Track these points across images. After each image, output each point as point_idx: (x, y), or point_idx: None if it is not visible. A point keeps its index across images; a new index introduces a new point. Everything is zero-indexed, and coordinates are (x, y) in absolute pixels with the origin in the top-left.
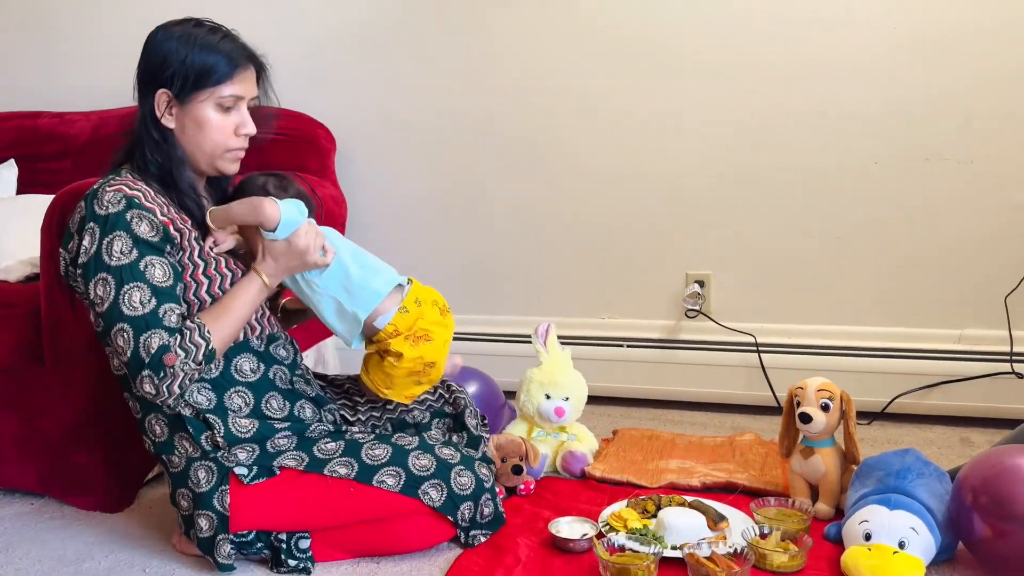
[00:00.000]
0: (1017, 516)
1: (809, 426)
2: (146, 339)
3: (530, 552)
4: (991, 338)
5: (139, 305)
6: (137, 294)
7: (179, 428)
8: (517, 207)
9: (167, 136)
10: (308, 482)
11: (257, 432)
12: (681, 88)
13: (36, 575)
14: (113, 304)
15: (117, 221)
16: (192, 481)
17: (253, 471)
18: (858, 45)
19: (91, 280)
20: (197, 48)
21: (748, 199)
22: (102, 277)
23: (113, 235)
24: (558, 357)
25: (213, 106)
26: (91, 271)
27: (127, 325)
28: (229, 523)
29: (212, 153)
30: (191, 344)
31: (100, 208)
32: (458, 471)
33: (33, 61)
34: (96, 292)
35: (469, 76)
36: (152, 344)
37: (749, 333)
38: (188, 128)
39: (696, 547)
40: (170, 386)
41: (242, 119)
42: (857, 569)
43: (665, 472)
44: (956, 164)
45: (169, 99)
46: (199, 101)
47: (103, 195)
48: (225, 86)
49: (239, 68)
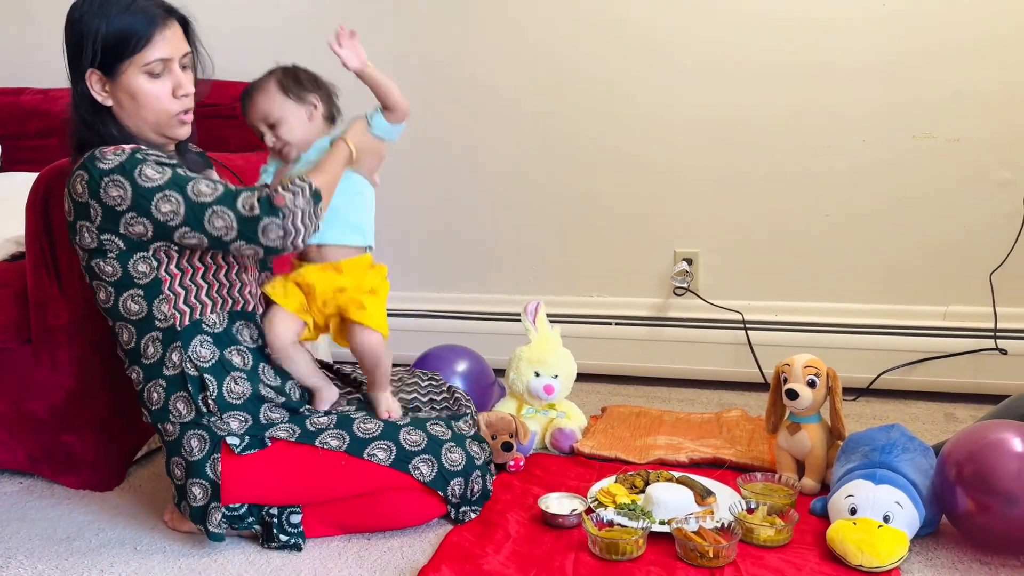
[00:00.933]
0: (1000, 490)
1: (795, 402)
2: (241, 201)
3: (520, 528)
4: (976, 315)
5: (210, 191)
6: (202, 185)
7: (178, 388)
8: (506, 186)
9: (106, 117)
10: (300, 454)
11: (248, 400)
12: (671, 68)
13: (27, 554)
14: (188, 204)
15: (133, 161)
16: (185, 449)
17: (245, 440)
18: (846, 24)
19: (150, 208)
20: (110, 17)
21: (736, 178)
22: (161, 196)
23: (139, 168)
24: (547, 335)
25: (142, 74)
26: (144, 202)
27: (217, 206)
28: (220, 491)
29: (156, 122)
30: (294, 187)
31: (106, 163)
32: (448, 447)
33: (13, 37)
34: (162, 211)
35: (458, 53)
36: (251, 202)
37: (736, 310)
38: (124, 102)
39: (684, 522)
40: (294, 222)
41: (176, 80)
42: (843, 543)
43: (653, 448)
44: (944, 142)
45: (100, 77)
46: (125, 72)
47: (103, 156)
48: (147, 50)
49: (157, 28)
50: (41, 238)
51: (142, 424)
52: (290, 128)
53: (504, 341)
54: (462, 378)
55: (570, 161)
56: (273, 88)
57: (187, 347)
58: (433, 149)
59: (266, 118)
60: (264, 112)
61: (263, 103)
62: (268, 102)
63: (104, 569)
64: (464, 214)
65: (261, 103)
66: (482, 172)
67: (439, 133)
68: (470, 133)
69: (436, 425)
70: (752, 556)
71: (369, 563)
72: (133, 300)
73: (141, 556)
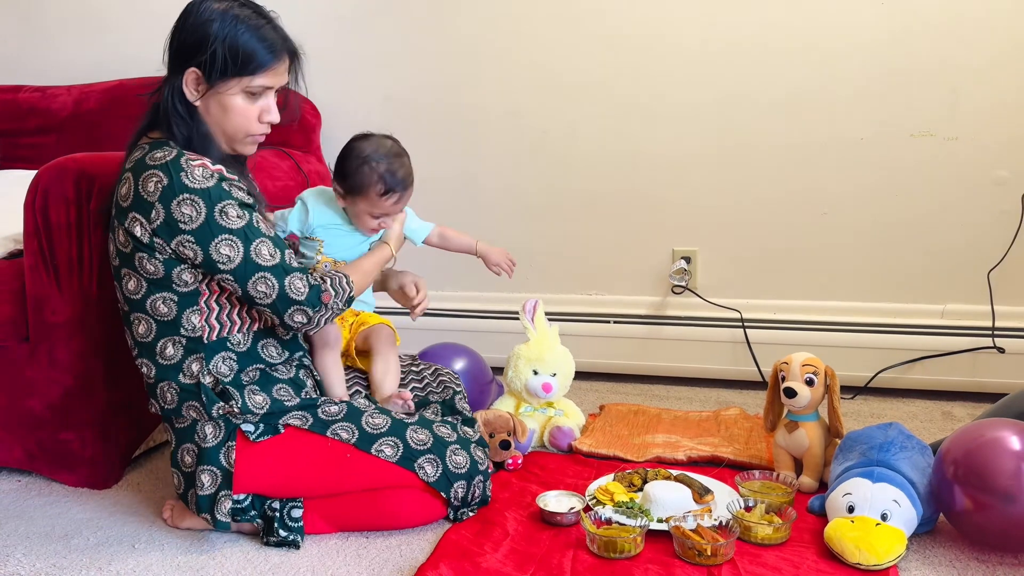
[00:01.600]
0: (997, 488)
1: (793, 400)
2: (291, 282)
3: (518, 526)
4: (973, 313)
5: (270, 256)
6: (264, 248)
7: (192, 397)
8: (505, 184)
9: (192, 112)
10: (310, 442)
11: (271, 408)
12: (668, 66)
13: (25, 551)
14: (245, 259)
15: (220, 192)
16: (199, 436)
17: (260, 428)
18: (846, 22)
19: (210, 244)
20: (240, 34)
21: (735, 176)
22: (225, 239)
23: (223, 203)
24: (545, 333)
25: (241, 93)
26: (209, 235)
27: (268, 274)
28: (233, 480)
29: (233, 136)
30: (340, 288)
31: (193, 181)
32: (454, 449)
33: (12, 35)
34: (221, 252)
35: (456, 52)
36: (299, 286)
37: (735, 309)
38: (212, 109)
39: (682, 520)
40: (321, 319)
41: (267, 105)
42: (840, 541)
43: (651, 446)
44: (942, 141)
45: (198, 78)
46: (229, 86)
47: (191, 169)
48: (259, 77)
49: (277, 61)
50: (39, 236)
51: (140, 422)
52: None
53: (502, 339)
54: (460, 376)
55: (569, 159)
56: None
57: (209, 361)
58: (432, 148)
59: (398, 207)
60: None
61: (407, 196)
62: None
63: (102, 567)
64: (462, 213)
65: (408, 199)
66: (480, 171)
67: (437, 132)
68: (468, 132)
69: (442, 426)
70: (750, 554)
71: (367, 561)
72: (164, 302)
73: (139, 554)
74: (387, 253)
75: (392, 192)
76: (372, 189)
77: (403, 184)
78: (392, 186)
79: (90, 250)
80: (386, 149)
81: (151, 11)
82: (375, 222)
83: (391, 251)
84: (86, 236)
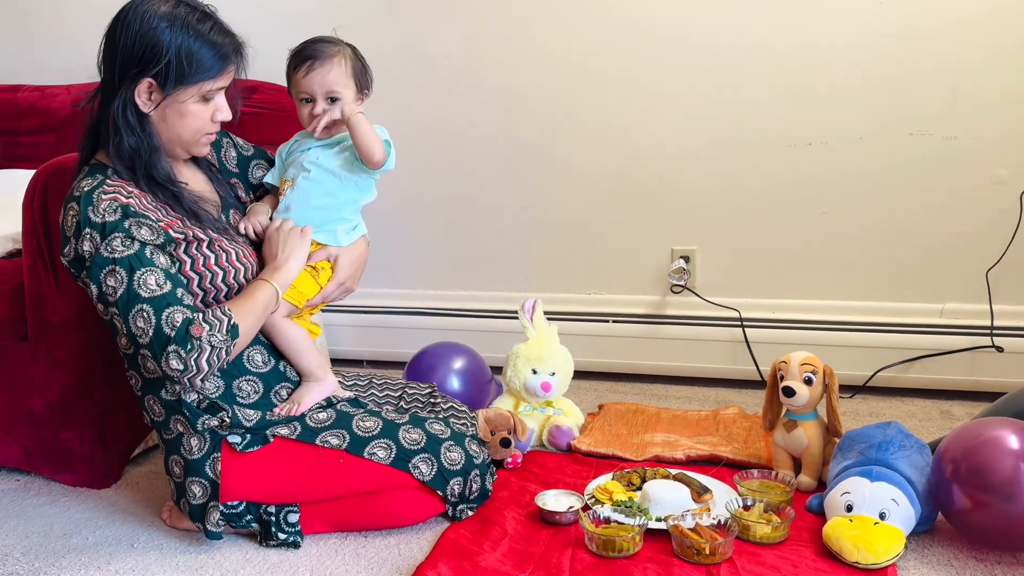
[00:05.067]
0: (996, 487)
1: (792, 400)
2: (168, 315)
3: (517, 525)
4: (972, 312)
5: (156, 287)
6: (151, 277)
7: (175, 412)
8: (504, 183)
9: (143, 122)
10: (300, 451)
11: (260, 420)
12: (667, 65)
13: (24, 551)
14: (127, 289)
15: (116, 227)
16: (185, 448)
17: (247, 439)
18: (845, 21)
19: (99, 277)
20: (189, 40)
21: (733, 175)
22: (110, 270)
23: (112, 236)
24: (544, 332)
25: (197, 99)
26: (97, 269)
27: (147, 306)
28: (219, 491)
29: (190, 140)
30: (215, 318)
31: (95, 215)
32: (448, 446)
33: (10, 34)
34: (107, 284)
35: (457, 51)
36: (176, 318)
37: (734, 308)
38: (169, 117)
39: (680, 519)
40: (198, 360)
41: (219, 105)
42: (839, 540)
43: (650, 445)
44: (940, 140)
45: (151, 87)
46: (188, 93)
47: (99, 202)
48: (214, 80)
49: (230, 62)
50: (38, 235)
51: (140, 421)
52: (344, 108)
53: (501, 338)
54: (459, 375)
55: (568, 158)
56: (346, 64)
57: None
58: (430, 147)
59: (329, 90)
60: (330, 84)
61: (332, 74)
62: (337, 76)
63: (101, 567)
64: (461, 212)
65: (330, 73)
66: (479, 171)
67: (436, 131)
68: (467, 131)
69: (435, 424)
70: (748, 553)
71: (366, 560)
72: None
73: (138, 553)
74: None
75: (302, 62)
76: (289, 67)
77: (313, 51)
78: (302, 55)
79: None
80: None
81: None
82: (305, 110)
83: (274, 289)
84: None
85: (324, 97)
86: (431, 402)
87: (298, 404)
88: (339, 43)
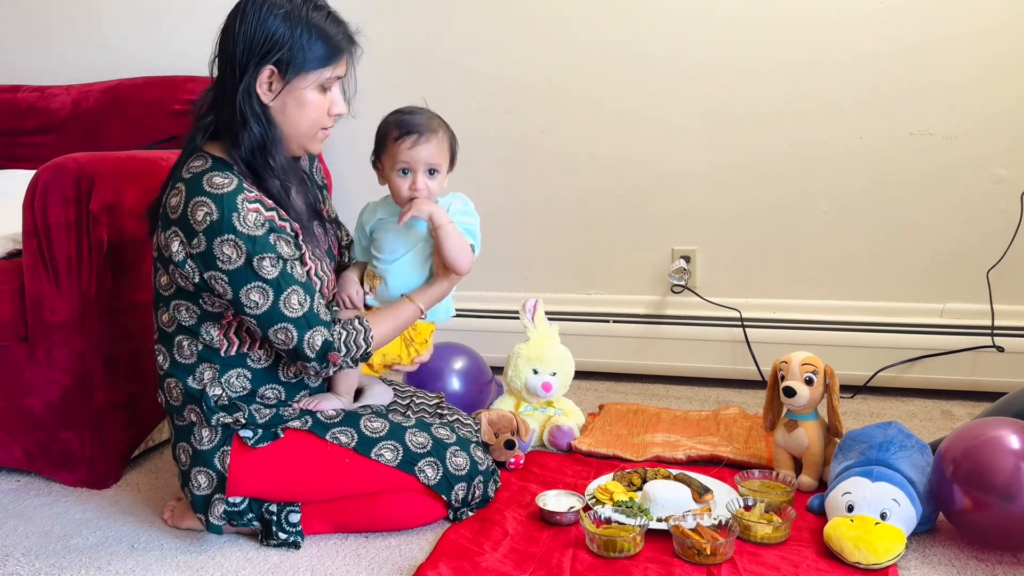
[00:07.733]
0: (996, 487)
1: (793, 400)
2: (310, 337)
3: (517, 525)
4: (973, 312)
5: (298, 306)
6: (295, 297)
7: (193, 401)
8: (504, 183)
9: (267, 112)
10: (308, 446)
11: (273, 417)
12: (667, 65)
13: (24, 551)
14: (272, 307)
15: (265, 244)
16: (195, 437)
17: (258, 434)
18: (843, 20)
19: (241, 288)
20: (307, 27)
21: (734, 175)
22: (257, 286)
23: (263, 255)
24: (545, 333)
25: (316, 87)
26: (240, 281)
27: (291, 326)
28: (227, 484)
29: (308, 133)
30: (353, 345)
31: (243, 226)
32: (453, 451)
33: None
34: (250, 297)
35: (456, 50)
36: (316, 342)
37: (734, 308)
38: (288, 107)
39: (681, 519)
40: (327, 371)
41: (335, 98)
42: (839, 540)
43: (651, 446)
44: (941, 139)
45: (272, 75)
46: (307, 81)
47: (244, 211)
48: (334, 68)
49: (345, 52)
50: (38, 235)
51: (140, 421)
52: (440, 183)
53: (502, 339)
54: (459, 376)
55: (568, 158)
56: (447, 139)
57: (223, 375)
58: None
59: (431, 164)
60: (433, 158)
61: (437, 149)
62: (440, 150)
63: (101, 567)
64: None
65: (435, 147)
66: (480, 171)
67: None
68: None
69: (441, 428)
70: (749, 553)
71: (367, 561)
72: (188, 310)
73: (139, 554)
74: (413, 310)
75: (408, 134)
76: (389, 137)
77: (418, 125)
78: (407, 127)
79: (89, 250)
80: (407, 107)
81: (151, 11)
82: (403, 182)
83: (418, 307)
84: (85, 236)
85: (425, 170)
86: (439, 413)
87: (317, 402)
88: (436, 115)
